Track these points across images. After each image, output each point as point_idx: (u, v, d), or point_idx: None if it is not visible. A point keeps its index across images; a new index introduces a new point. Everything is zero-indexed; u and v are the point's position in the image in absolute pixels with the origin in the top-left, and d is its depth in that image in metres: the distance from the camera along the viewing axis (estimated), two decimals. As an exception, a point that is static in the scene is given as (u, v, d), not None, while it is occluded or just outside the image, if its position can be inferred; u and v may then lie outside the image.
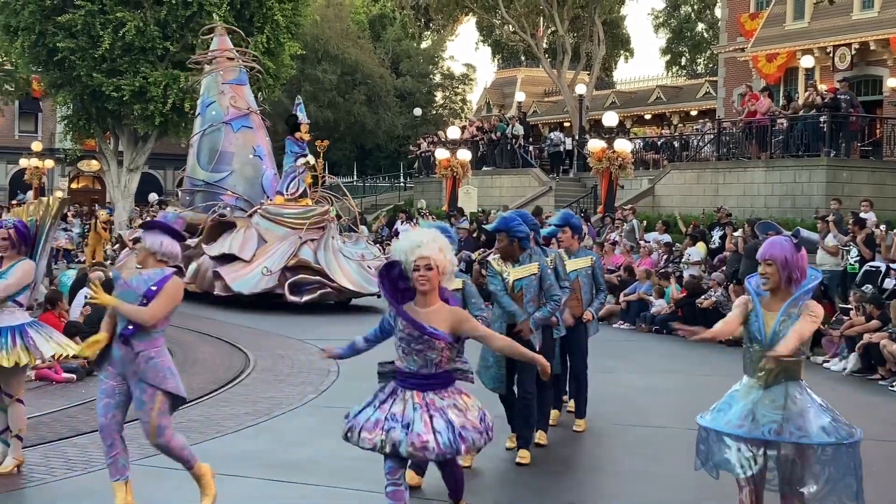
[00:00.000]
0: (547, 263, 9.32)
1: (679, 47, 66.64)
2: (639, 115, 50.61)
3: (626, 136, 35.42)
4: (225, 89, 26.91)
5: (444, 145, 38.74)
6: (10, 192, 57.56)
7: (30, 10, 38.24)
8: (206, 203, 25.79)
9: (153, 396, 7.23)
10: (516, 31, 49.26)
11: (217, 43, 28.29)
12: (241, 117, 26.68)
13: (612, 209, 29.29)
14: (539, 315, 9.11)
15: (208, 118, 26.94)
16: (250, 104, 27.36)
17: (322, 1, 58.43)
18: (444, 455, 6.19)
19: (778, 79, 36.80)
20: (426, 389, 6.31)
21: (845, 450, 5.82)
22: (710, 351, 18.17)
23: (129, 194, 43.68)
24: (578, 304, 10.63)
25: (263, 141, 27.18)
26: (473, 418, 6.28)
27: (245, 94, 27.43)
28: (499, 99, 60.05)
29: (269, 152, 27.14)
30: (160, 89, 38.67)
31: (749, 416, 5.94)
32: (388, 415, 6.24)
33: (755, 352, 6.11)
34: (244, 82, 27.69)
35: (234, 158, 26.29)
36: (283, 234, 22.88)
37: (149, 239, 7.28)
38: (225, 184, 26.18)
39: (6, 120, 59.35)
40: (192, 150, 27.47)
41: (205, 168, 26.60)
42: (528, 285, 9.11)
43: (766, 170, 29.22)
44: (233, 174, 26.19)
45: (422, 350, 6.30)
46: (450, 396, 6.32)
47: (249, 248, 22.54)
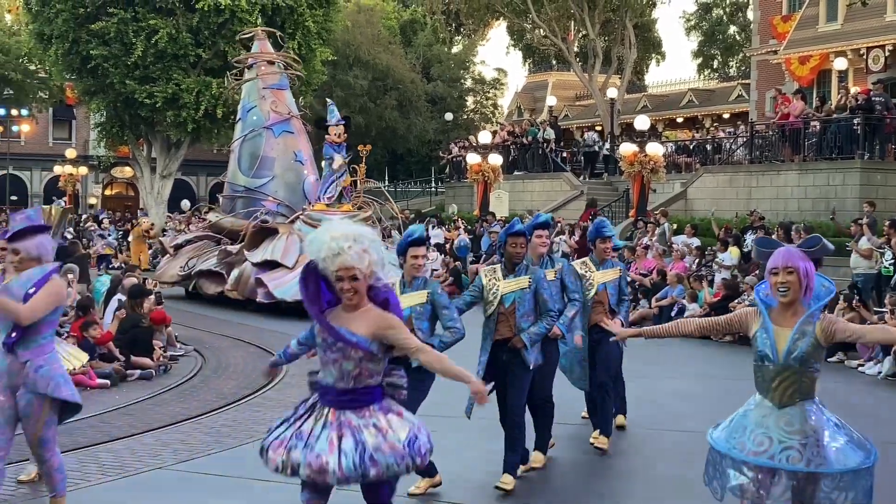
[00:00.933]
0: (545, 275, 8.85)
1: (711, 50, 66.35)
2: (671, 119, 50.41)
3: (658, 140, 35.28)
4: (266, 94, 26.74)
5: (475, 150, 38.69)
6: (44, 199, 58.00)
7: (63, 18, 38.58)
8: (247, 209, 25.65)
9: (41, 407, 6.98)
10: (547, 35, 49.17)
11: (257, 48, 28.13)
12: (281, 122, 26.51)
13: (644, 213, 29.17)
14: (534, 330, 8.54)
15: (249, 123, 26.78)
16: (291, 109, 27.17)
17: (353, 7, 58.57)
18: (346, 479, 5.43)
19: (811, 81, 36.60)
20: (343, 407, 5.54)
21: (864, 473, 5.58)
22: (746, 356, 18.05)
23: (161, 200, 43.94)
24: (607, 316, 10.06)
25: (304, 146, 26.98)
26: (394, 440, 5.47)
27: (286, 98, 27.24)
28: (530, 103, 59.97)
29: (310, 157, 26.94)
30: (193, 96, 38.90)
31: (765, 443, 5.65)
32: (296, 432, 5.57)
33: (767, 370, 5.75)
34: (285, 87, 27.50)
35: (275, 164, 26.09)
36: None
37: (24, 245, 7.02)
38: (266, 189, 25.99)
39: (40, 127, 59.85)
40: (233, 155, 27.29)
41: (246, 174, 26.43)
42: (520, 299, 8.55)
43: (800, 173, 29.02)
44: (274, 180, 25.99)
45: (336, 359, 5.54)
46: (371, 415, 5.53)
47: (292, 255, 22.33)
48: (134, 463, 9.43)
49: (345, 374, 5.52)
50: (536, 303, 8.58)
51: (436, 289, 8.03)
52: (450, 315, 7.95)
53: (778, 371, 5.71)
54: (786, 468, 5.56)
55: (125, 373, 14.04)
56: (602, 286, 10.28)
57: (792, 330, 5.69)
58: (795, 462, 5.54)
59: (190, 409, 12.03)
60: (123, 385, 13.58)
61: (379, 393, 5.62)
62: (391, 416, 5.58)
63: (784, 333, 5.71)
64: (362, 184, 26.63)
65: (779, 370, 5.70)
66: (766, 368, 5.76)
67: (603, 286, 10.29)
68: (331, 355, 5.54)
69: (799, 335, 5.68)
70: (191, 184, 62.15)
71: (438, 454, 8.13)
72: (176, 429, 10.99)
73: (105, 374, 13.60)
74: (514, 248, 8.55)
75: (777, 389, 5.73)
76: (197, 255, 25.50)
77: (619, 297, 10.43)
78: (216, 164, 61.96)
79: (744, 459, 5.66)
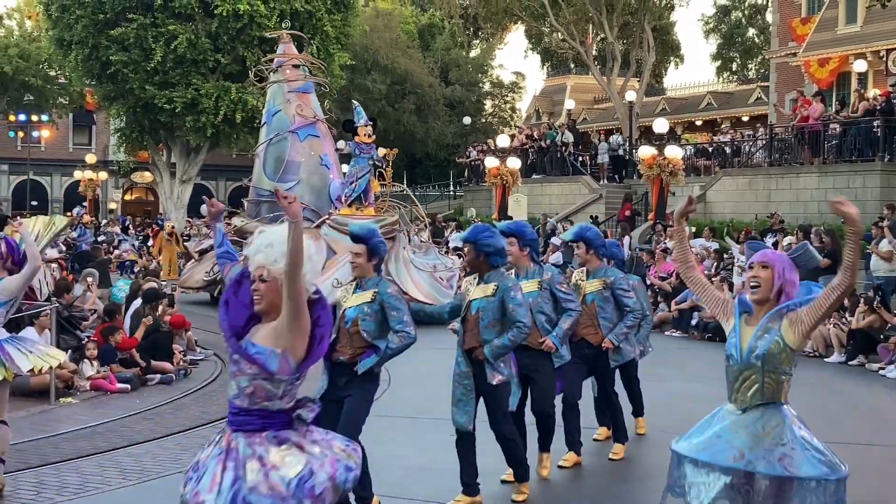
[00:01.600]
0: (515, 285, 8.13)
1: (730, 53, 66.22)
2: (689, 122, 50.32)
3: (677, 143, 35.21)
4: (291, 98, 26.37)
5: (493, 153, 38.71)
6: (64, 204, 58.31)
7: (83, 24, 38.76)
8: (272, 213, 25.03)
9: None
10: (565, 38, 49.13)
11: (282, 51, 27.79)
12: (307, 126, 26.11)
13: (663, 216, 29.12)
14: (498, 342, 7.92)
15: (274, 127, 26.42)
16: (317, 112, 26.80)
17: (371, 11, 58.68)
18: None
19: (830, 83, 36.49)
20: (237, 428, 4.90)
21: (831, 485, 5.19)
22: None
23: (181, 205, 44.08)
24: (596, 331, 9.76)
25: (330, 149, 26.68)
26: (277, 480, 4.74)
27: (311, 102, 26.85)
28: (548, 107, 59.96)
29: (335, 161, 26.62)
30: (212, 101, 39.04)
31: (715, 441, 5.37)
32: (197, 460, 5.04)
33: (731, 370, 5.50)
34: (310, 90, 27.12)
35: (300, 168, 25.71)
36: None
37: None
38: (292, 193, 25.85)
39: (61, 133, 60.15)
40: (258, 159, 26.90)
41: (271, 178, 25.89)
42: (485, 308, 7.98)
43: (819, 175, 28.92)
44: (300, 184, 25.39)
45: (234, 373, 4.96)
46: (261, 444, 4.84)
47: (319, 260, 22.24)
48: (154, 467, 9.48)
49: (241, 391, 4.91)
50: (503, 313, 7.98)
51: (385, 289, 7.59)
52: (399, 318, 7.52)
53: (740, 370, 5.46)
54: (733, 466, 5.28)
55: (145, 377, 14.10)
56: (591, 297, 9.73)
57: (756, 327, 5.50)
58: (747, 462, 5.26)
59: (210, 414, 12.08)
60: (144, 389, 13.64)
61: (280, 420, 4.90)
62: (287, 447, 4.85)
63: (749, 331, 5.51)
64: (389, 187, 26.48)
65: (741, 369, 5.45)
66: (730, 368, 5.52)
67: (591, 297, 9.72)
68: (231, 367, 4.99)
69: (762, 331, 5.45)
70: (210, 188, 62.33)
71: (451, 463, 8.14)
72: (196, 433, 11.04)
73: (125, 379, 13.67)
74: (466, 255, 8.35)
75: (739, 391, 5.47)
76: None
77: (619, 311, 9.79)
78: (235, 168, 62.24)
79: (695, 457, 5.42)
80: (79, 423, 11.43)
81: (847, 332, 17.81)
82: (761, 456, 5.25)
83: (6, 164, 59.95)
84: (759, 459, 5.24)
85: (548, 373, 8.78)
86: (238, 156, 57.72)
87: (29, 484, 8.75)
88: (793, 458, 5.24)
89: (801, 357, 17.93)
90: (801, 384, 15.64)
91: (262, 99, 38.73)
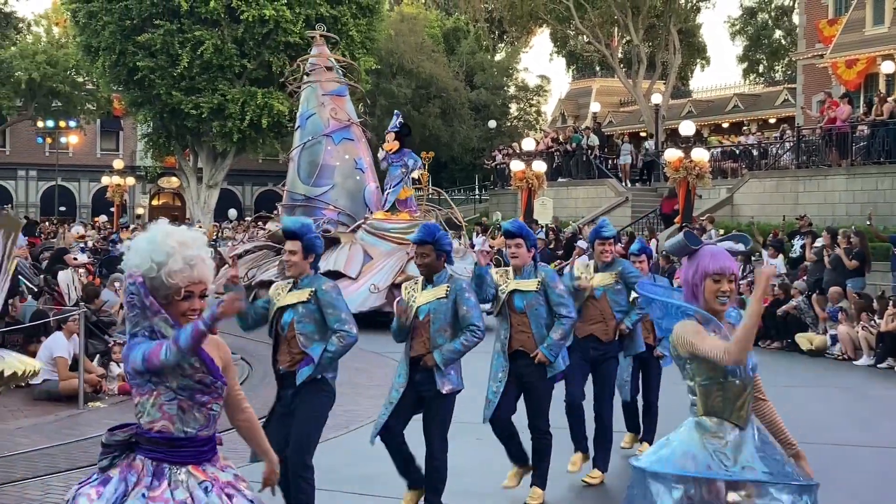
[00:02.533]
0: (463, 286, 7.60)
1: (756, 55, 65.93)
2: (716, 124, 50.13)
3: (704, 145, 35.06)
4: (325, 101, 26.24)
5: (519, 157, 38.66)
6: (92, 210, 58.63)
7: (110, 30, 39.00)
8: (308, 218, 25.28)
9: None
10: (591, 41, 49.05)
11: (316, 53, 27.66)
12: (341, 129, 26.00)
13: (690, 219, 29.00)
14: (450, 347, 7.43)
15: (308, 131, 26.22)
16: (351, 115, 26.71)
17: (396, 16, 58.76)
18: None
19: (858, 85, 36.26)
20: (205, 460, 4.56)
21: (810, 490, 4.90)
22: (794, 362, 17.98)
23: (208, 210, 44.27)
24: (606, 327, 9.25)
25: (365, 153, 26.49)
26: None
27: (345, 105, 26.73)
28: (573, 110, 59.86)
29: (370, 165, 26.45)
30: (238, 106, 39.19)
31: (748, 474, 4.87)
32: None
33: (733, 387, 4.88)
34: (344, 93, 26.98)
35: (335, 172, 25.55)
36: (389, 249, 22.14)
37: None
38: (326, 198, 25.43)
39: (88, 139, 60.46)
40: (293, 163, 26.65)
41: (305, 182, 25.80)
42: (436, 310, 7.49)
43: (847, 177, 28.75)
44: (334, 188, 25.42)
45: (208, 402, 4.50)
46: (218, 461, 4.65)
47: (355, 265, 21.78)
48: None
49: (211, 420, 4.51)
50: (456, 316, 7.48)
51: (321, 285, 6.97)
52: (336, 316, 6.88)
53: (744, 386, 4.97)
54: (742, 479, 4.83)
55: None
56: (600, 291, 9.26)
57: None
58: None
59: (237, 418, 12.05)
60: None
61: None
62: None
63: None
64: (426, 191, 26.24)
65: (745, 385, 4.97)
66: (732, 385, 4.92)
67: (601, 291, 9.27)
68: (200, 398, 4.43)
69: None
70: (237, 193, 62.55)
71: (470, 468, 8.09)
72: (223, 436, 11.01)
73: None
74: (417, 259, 7.75)
75: (743, 408, 4.98)
76: (256, 265, 25.25)
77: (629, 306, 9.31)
78: (262, 173, 62.44)
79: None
80: (107, 427, 11.44)
81: (876, 334, 17.68)
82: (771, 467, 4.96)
83: (34, 171, 60.31)
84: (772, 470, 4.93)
85: (543, 386, 8.20)
86: (264, 161, 57.90)
87: (58, 488, 8.77)
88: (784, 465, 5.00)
89: (829, 360, 17.85)
90: (830, 387, 15.59)
91: (287, 103, 38.99)
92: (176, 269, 4.33)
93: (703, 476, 4.79)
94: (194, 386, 4.38)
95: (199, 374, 4.38)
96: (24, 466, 9.52)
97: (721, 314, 4.96)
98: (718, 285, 4.92)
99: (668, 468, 4.83)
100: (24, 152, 59.94)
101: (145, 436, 4.39)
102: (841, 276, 19.80)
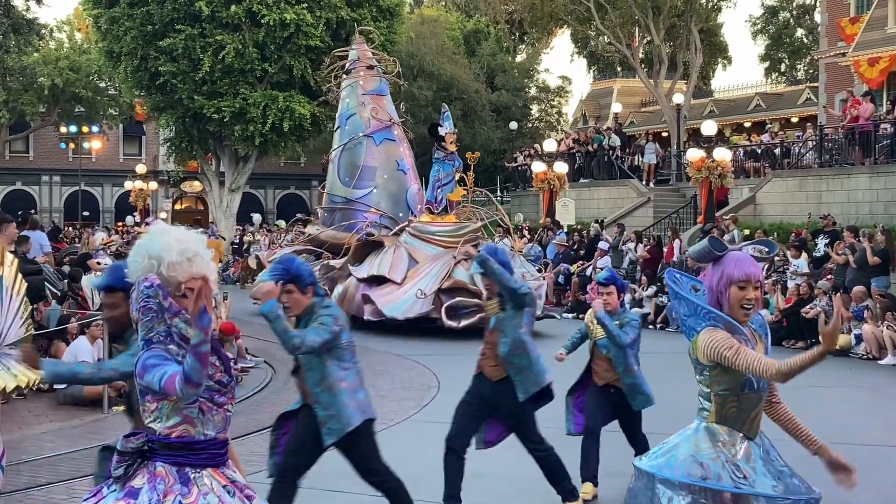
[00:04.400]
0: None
1: (778, 53, 65.68)
2: (738, 124, 49.92)
3: (726, 145, 34.94)
4: (365, 100, 25.53)
5: (540, 158, 38.64)
6: (115, 214, 58.90)
7: (132, 35, 39.17)
8: (347, 221, 24.30)
9: None
10: (611, 41, 48.97)
11: (356, 51, 26.99)
12: (382, 129, 25.30)
13: (713, 219, 28.92)
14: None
15: (348, 131, 25.51)
16: (392, 115, 26.06)
17: (417, 18, 58.82)
18: None
19: (881, 83, 36.05)
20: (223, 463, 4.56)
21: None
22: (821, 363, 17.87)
23: (231, 214, 44.40)
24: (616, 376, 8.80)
25: (407, 154, 25.80)
26: None
27: (386, 104, 26.12)
28: (595, 110, 59.74)
29: (412, 166, 25.76)
30: (259, 110, 39.30)
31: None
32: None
33: (750, 398, 4.85)
34: (385, 92, 26.40)
35: (376, 173, 24.82)
36: (435, 253, 21.38)
37: None
38: (368, 200, 24.64)
39: (111, 143, 60.78)
40: (332, 165, 25.95)
41: (346, 184, 25.09)
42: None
43: (871, 176, 28.62)
44: (376, 190, 24.71)
45: (225, 402, 4.52)
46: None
47: (400, 269, 21.06)
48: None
49: (227, 422, 4.52)
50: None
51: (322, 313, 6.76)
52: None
53: (760, 397, 4.96)
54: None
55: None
56: (603, 344, 8.74)
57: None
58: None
59: (260, 421, 12.08)
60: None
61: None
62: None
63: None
64: (471, 193, 25.50)
65: (761, 395, 4.96)
66: (748, 397, 4.90)
67: (605, 343, 8.73)
68: (218, 398, 4.45)
69: None
70: (259, 197, 62.72)
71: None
72: (248, 440, 11.08)
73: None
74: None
75: (755, 420, 4.98)
76: None
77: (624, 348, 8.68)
78: (284, 177, 62.66)
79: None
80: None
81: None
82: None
83: (58, 176, 60.64)
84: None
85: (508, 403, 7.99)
86: (286, 164, 58.06)
87: (83, 493, 8.77)
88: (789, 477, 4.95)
89: (853, 360, 17.78)
90: (854, 387, 15.52)
91: (308, 107, 39.08)
92: (175, 261, 4.31)
93: (712, 487, 4.71)
94: (213, 386, 4.38)
95: (218, 374, 4.41)
96: (48, 471, 9.57)
97: (745, 322, 4.89)
98: (744, 292, 4.84)
99: (677, 474, 4.77)
100: (47, 157, 60.29)
101: (163, 441, 4.35)
102: (865, 276, 19.70)
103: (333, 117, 41.43)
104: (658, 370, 16.20)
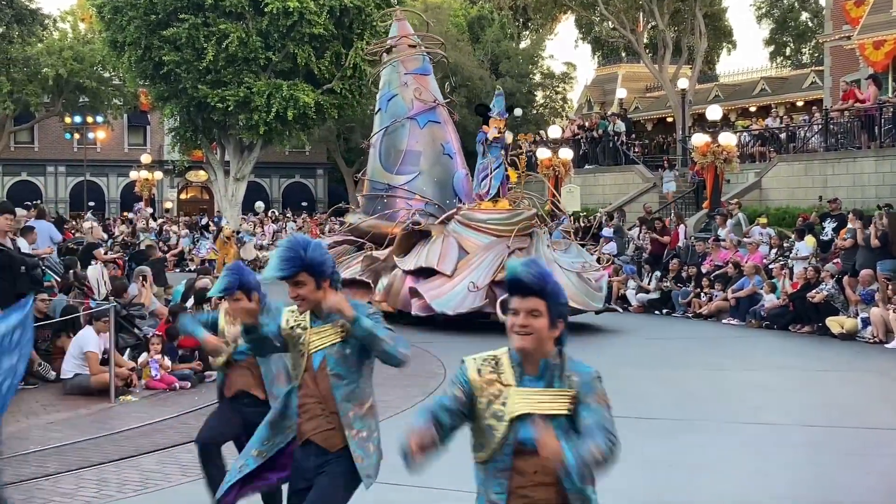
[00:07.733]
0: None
1: (783, 37, 65.51)
2: (743, 108, 49.82)
3: (731, 130, 34.86)
4: (408, 80, 23.63)
5: (545, 144, 38.59)
6: (121, 204, 58.99)
7: (135, 25, 39.19)
8: (391, 209, 22.47)
9: None
10: (616, 27, 48.87)
11: (396, 29, 25.23)
12: (426, 111, 23.38)
13: (719, 204, 28.88)
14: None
15: (390, 114, 23.65)
16: (436, 96, 24.16)
17: (421, 5, 58.68)
18: None
19: (886, 66, 35.92)
20: None
21: None
22: (824, 346, 17.87)
23: (236, 203, 44.43)
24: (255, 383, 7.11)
25: (453, 137, 23.85)
26: None
27: (430, 84, 24.18)
28: (599, 96, 59.64)
29: (459, 149, 23.80)
30: (263, 99, 39.28)
31: None
32: None
33: None
34: (428, 72, 24.47)
35: (421, 158, 22.90)
36: (487, 242, 19.71)
37: None
38: (412, 187, 22.62)
39: (116, 134, 60.82)
40: (374, 150, 23.97)
41: (388, 170, 23.17)
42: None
43: (877, 159, 28.55)
44: (420, 176, 22.73)
45: None
46: None
47: (450, 261, 19.45)
48: (213, 463, 9.52)
49: None
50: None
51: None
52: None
53: None
54: None
55: (204, 374, 14.17)
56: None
57: None
58: None
59: (267, 409, 12.10)
60: (202, 386, 13.72)
61: None
62: None
63: None
64: (524, 178, 24.21)
65: None
66: None
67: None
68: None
69: None
70: (264, 186, 62.72)
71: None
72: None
73: (184, 376, 13.77)
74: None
75: None
76: (337, 262, 23.76)
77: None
78: (289, 165, 62.71)
79: None
80: (139, 421, 11.53)
81: (908, 317, 17.55)
82: None
83: (63, 166, 60.70)
84: None
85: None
86: (291, 153, 58.04)
87: (91, 482, 8.84)
88: None
89: (860, 344, 17.76)
90: (862, 371, 15.50)
91: (312, 95, 39.06)
92: None
93: None
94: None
95: None
96: (56, 460, 9.58)
97: None
98: None
99: None
100: (52, 148, 60.35)
101: None
102: (872, 259, 19.63)
103: (337, 106, 41.86)
104: (664, 356, 16.23)
